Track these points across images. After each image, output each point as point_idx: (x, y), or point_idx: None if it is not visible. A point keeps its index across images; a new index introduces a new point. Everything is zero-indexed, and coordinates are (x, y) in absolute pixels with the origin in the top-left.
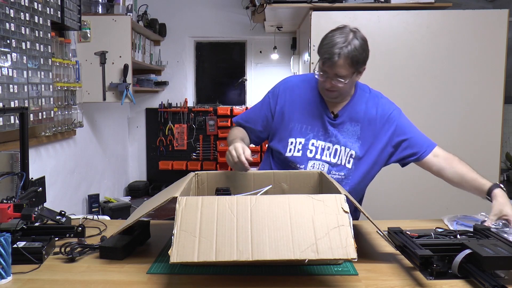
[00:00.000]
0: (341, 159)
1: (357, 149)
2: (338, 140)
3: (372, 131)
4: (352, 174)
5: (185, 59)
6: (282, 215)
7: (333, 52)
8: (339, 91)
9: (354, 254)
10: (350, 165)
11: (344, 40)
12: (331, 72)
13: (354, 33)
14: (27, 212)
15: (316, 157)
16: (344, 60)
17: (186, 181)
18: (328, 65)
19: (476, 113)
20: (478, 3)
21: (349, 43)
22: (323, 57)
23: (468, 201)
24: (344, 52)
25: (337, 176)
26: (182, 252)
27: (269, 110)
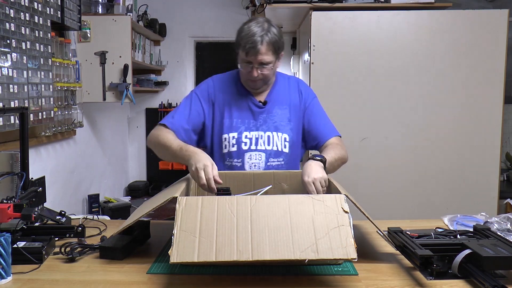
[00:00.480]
0: (276, 145)
1: (289, 132)
2: (268, 126)
3: (297, 113)
4: (289, 158)
5: (185, 59)
6: (282, 215)
7: (255, 41)
8: (264, 79)
9: (354, 254)
10: (287, 149)
11: (262, 28)
12: (256, 61)
13: (268, 22)
14: (27, 212)
15: (251, 148)
16: (267, 47)
17: (186, 181)
18: (252, 54)
19: (476, 113)
20: (478, 3)
21: (267, 30)
22: (246, 47)
23: (468, 201)
24: (265, 39)
25: (277, 163)
26: (182, 252)
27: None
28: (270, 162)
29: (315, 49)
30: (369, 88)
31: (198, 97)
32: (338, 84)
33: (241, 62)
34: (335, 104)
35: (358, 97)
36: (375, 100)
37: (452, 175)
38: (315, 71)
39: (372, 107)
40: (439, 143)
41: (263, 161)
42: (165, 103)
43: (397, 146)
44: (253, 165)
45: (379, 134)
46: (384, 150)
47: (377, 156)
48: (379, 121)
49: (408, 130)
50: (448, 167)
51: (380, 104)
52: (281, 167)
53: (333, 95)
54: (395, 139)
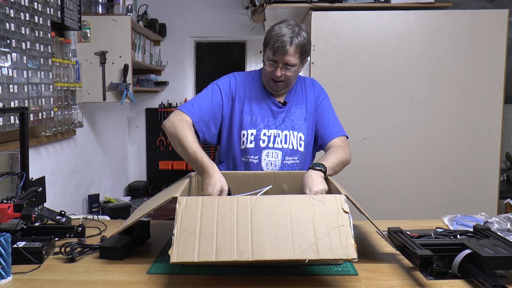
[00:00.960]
0: (292, 143)
1: (304, 131)
2: (286, 125)
3: (311, 112)
4: (305, 157)
5: (185, 59)
6: (282, 215)
7: (285, 41)
8: (286, 82)
9: (354, 254)
10: (302, 148)
11: (292, 31)
12: (282, 61)
13: (299, 26)
14: (27, 212)
15: (269, 146)
16: (295, 49)
17: (186, 181)
18: (280, 54)
19: (476, 113)
20: (478, 3)
21: (298, 33)
22: (274, 46)
23: (468, 201)
24: (295, 41)
25: (292, 162)
26: (183, 252)
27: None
28: (286, 160)
29: (315, 49)
30: (369, 88)
31: (220, 89)
32: (338, 84)
33: (267, 60)
34: (335, 104)
35: (358, 97)
36: (375, 100)
37: (452, 175)
38: (315, 71)
39: (372, 107)
40: (439, 143)
41: (280, 159)
42: (165, 103)
43: (397, 146)
44: (269, 163)
45: (379, 134)
46: (384, 150)
47: (377, 156)
48: (379, 121)
49: (408, 130)
50: (448, 167)
51: (380, 104)
52: (296, 165)
53: (333, 95)
54: (395, 139)
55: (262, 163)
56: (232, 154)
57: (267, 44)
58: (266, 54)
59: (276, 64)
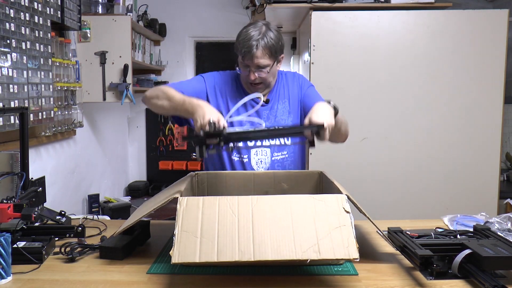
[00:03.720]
0: (278, 139)
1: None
2: (271, 122)
3: (296, 104)
4: (293, 149)
5: (185, 59)
6: (283, 215)
7: (251, 45)
8: (264, 83)
9: (356, 254)
10: (289, 141)
11: (259, 32)
12: (253, 65)
13: (266, 26)
14: (27, 212)
15: (257, 145)
16: (262, 51)
17: (186, 182)
18: (248, 58)
19: (476, 113)
20: (478, 3)
21: (264, 34)
22: (242, 51)
23: (468, 201)
24: (261, 43)
25: (281, 157)
26: (184, 253)
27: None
28: (275, 156)
29: (315, 49)
30: (369, 88)
31: (204, 80)
32: (338, 84)
33: (240, 65)
34: None
35: (358, 97)
36: (375, 100)
37: (452, 175)
38: (315, 71)
39: (372, 107)
40: (439, 143)
41: (269, 157)
42: None
43: (397, 146)
44: (259, 160)
45: (379, 134)
46: (384, 150)
47: (377, 156)
48: (379, 121)
49: (408, 130)
50: (448, 167)
51: (380, 104)
52: (286, 160)
53: (333, 95)
54: (395, 139)
55: (252, 162)
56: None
57: (236, 49)
58: (238, 59)
59: (249, 68)
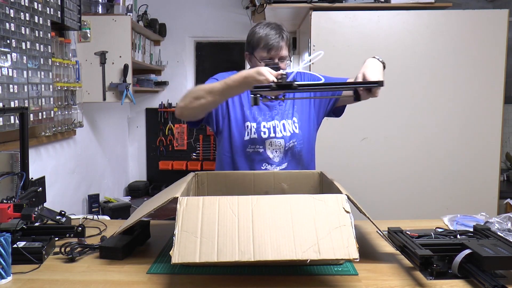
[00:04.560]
0: (289, 130)
1: (296, 114)
2: (282, 116)
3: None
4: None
5: (185, 59)
6: (283, 215)
7: (276, 39)
8: None
9: (356, 254)
10: (298, 130)
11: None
12: (278, 56)
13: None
14: (27, 212)
15: (271, 136)
16: (285, 43)
17: (186, 181)
18: (275, 50)
19: (476, 113)
20: (478, 3)
21: (281, 29)
22: (268, 45)
23: (468, 201)
24: (283, 36)
25: (292, 144)
26: (184, 253)
27: None
28: (287, 145)
29: (315, 49)
30: None
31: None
32: None
33: (261, 61)
34: None
35: None
36: (375, 100)
37: (452, 175)
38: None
39: (372, 107)
40: (439, 143)
41: (283, 146)
42: (165, 103)
43: (397, 146)
44: (274, 150)
45: (379, 134)
46: (384, 150)
47: (377, 156)
48: (379, 121)
49: (408, 130)
50: (448, 167)
51: (380, 104)
52: (296, 147)
53: None
54: (395, 139)
55: (267, 151)
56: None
57: (256, 47)
58: (257, 55)
59: (271, 61)
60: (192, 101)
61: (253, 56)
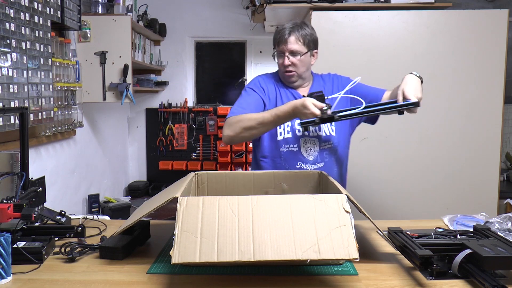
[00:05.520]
0: (324, 131)
1: None
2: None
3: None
4: (338, 140)
5: (185, 59)
6: (283, 215)
7: (284, 32)
8: (296, 71)
9: (356, 254)
10: (334, 133)
11: (292, 24)
12: (286, 49)
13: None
14: (27, 212)
15: (305, 134)
16: (295, 37)
17: (186, 181)
18: (282, 43)
19: (476, 113)
20: (478, 3)
21: (299, 26)
22: (277, 39)
23: (468, 201)
24: (293, 30)
25: (328, 146)
26: (184, 253)
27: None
28: (322, 146)
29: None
30: None
31: (253, 89)
32: None
33: (277, 55)
34: None
35: None
36: None
37: (452, 175)
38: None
39: None
40: (439, 143)
41: (317, 145)
42: (165, 103)
43: (397, 146)
44: (308, 148)
45: (379, 134)
46: (384, 150)
47: (377, 156)
48: (379, 121)
49: (408, 130)
50: (448, 167)
51: None
52: (332, 149)
53: None
54: (395, 139)
55: (301, 150)
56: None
57: (274, 42)
58: (275, 50)
59: (283, 55)
60: (243, 131)
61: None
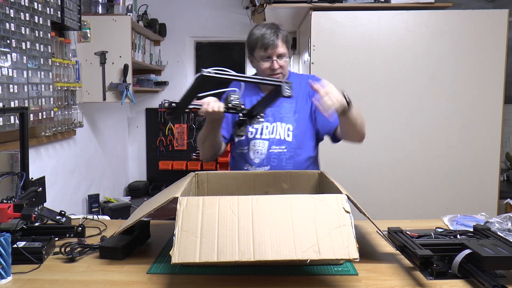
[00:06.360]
0: (279, 134)
1: (293, 122)
2: (275, 118)
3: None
4: (293, 146)
5: (185, 59)
6: (283, 215)
7: (271, 37)
8: (283, 72)
9: (356, 254)
10: (290, 139)
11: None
12: (275, 54)
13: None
14: (27, 212)
15: (256, 137)
16: (281, 41)
17: (186, 181)
18: (272, 48)
19: (476, 113)
20: (478, 3)
21: (277, 28)
22: (264, 43)
23: (468, 201)
24: (279, 35)
25: (279, 150)
26: (184, 253)
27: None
28: (272, 149)
29: (315, 49)
30: (369, 88)
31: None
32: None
33: (260, 60)
34: None
35: (358, 97)
36: (375, 100)
37: (452, 175)
38: (315, 71)
39: (372, 107)
40: (439, 143)
41: (266, 148)
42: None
43: (397, 146)
44: (256, 151)
45: (379, 134)
46: (384, 150)
47: (377, 156)
48: (379, 121)
49: (408, 130)
50: (448, 167)
51: (380, 104)
52: (284, 154)
53: None
54: (395, 139)
55: (250, 152)
56: (234, 148)
57: (254, 47)
58: (256, 55)
59: (270, 59)
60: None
61: (253, 57)
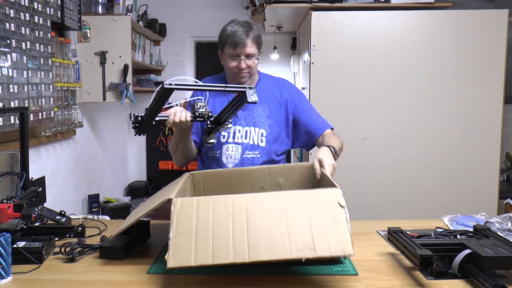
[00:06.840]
0: (252, 139)
1: (267, 128)
2: (247, 122)
3: (280, 111)
4: (267, 151)
5: (185, 59)
6: (278, 213)
7: (242, 35)
8: (250, 72)
9: (351, 250)
10: (264, 144)
11: (245, 26)
12: (243, 53)
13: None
14: (27, 212)
15: (229, 141)
16: (252, 41)
17: (181, 182)
18: (240, 47)
19: (476, 113)
20: (478, 3)
21: (250, 27)
22: (233, 42)
23: (468, 201)
24: (250, 34)
25: (252, 156)
26: (179, 257)
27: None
28: (246, 154)
29: (315, 49)
30: (369, 88)
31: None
32: (338, 84)
33: (228, 57)
34: (335, 104)
35: (358, 97)
36: (375, 100)
37: (452, 175)
38: (315, 71)
39: (372, 107)
40: (439, 143)
41: (239, 153)
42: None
43: (397, 146)
44: (229, 156)
45: (379, 134)
46: (384, 150)
47: (377, 156)
48: (379, 121)
49: (408, 130)
50: (448, 167)
51: (380, 104)
52: (257, 159)
53: (333, 95)
54: (395, 139)
55: (222, 157)
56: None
57: (224, 44)
58: (225, 52)
59: (238, 58)
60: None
61: (223, 53)
